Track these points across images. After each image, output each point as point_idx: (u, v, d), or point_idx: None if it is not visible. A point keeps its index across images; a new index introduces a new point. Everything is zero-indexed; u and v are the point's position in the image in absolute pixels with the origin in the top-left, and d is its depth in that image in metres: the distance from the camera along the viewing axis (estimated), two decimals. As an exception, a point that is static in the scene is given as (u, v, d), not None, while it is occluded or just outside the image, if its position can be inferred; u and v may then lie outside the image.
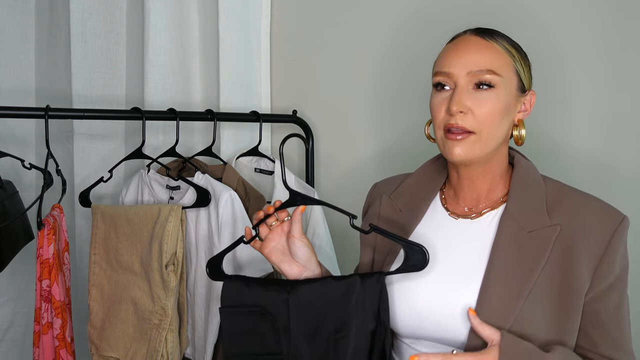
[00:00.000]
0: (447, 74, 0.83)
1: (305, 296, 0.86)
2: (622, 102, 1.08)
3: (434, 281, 0.85)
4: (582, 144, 1.13)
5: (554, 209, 0.82)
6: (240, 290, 0.89)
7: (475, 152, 0.82)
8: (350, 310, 0.84)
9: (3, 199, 1.25)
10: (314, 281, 0.87)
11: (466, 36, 0.86)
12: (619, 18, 1.07)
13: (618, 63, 1.08)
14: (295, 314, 0.86)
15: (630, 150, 1.08)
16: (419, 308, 0.84)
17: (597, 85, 1.11)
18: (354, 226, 0.87)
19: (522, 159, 0.90)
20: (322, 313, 0.85)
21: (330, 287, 0.86)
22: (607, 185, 1.10)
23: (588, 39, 1.11)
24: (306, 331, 0.86)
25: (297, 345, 0.86)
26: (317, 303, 0.86)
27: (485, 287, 0.80)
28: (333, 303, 0.85)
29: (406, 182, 0.98)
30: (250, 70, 1.61)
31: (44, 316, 1.17)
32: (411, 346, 0.87)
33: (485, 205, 0.88)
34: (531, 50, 0.90)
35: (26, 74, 1.79)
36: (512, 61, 0.83)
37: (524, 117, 0.87)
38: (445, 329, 0.82)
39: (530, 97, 0.87)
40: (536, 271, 0.78)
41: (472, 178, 0.88)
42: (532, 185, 0.86)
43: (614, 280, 0.79)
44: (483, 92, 0.81)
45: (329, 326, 0.85)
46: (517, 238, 0.81)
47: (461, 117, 0.81)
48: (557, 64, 1.14)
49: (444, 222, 0.90)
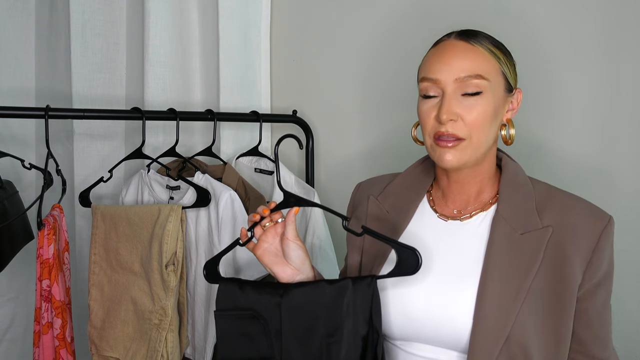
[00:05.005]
0: (434, 80, 0.82)
1: (298, 300, 0.85)
2: (615, 103, 1.08)
3: (427, 284, 0.84)
4: (573, 145, 1.13)
5: (543, 211, 0.83)
6: (234, 293, 0.89)
7: (466, 157, 0.82)
8: (342, 314, 0.83)
9: (3, 198, 1.25)
10: (306, 284, 0.86)
11: (450, 40, 0.85)
12: (612, 18, 1.07)
13: (610, 64, 1.08)
14: (287, 318, 0.85)
15: (623, 151, 1.08)
16: (413, 311, 0.84)
17: (589, 87, 1.10)
18: (346, 228, 0.87)
19: (509, 161, 0.90)
20: (314, 317, 0.84)
21: (322, 290, 0.84)
22: (601, 188, 1.10)
23: (579, 39, 1.11)
24: (298, 335, 0.85)
25: (289, 350, 0.85)
26: (309, 307, 0.85)
27: (483, 290, 0.79)
28: (325, 307, 0.84)
29: (393, 184, 0.97)
30: (250, 70, 1.61)
31: (44, 316, 1.18)
32: (403, 348, 0.87)
33: (474, 207, 0.88)
34: (522, 51, 0.90)
35: (26, 74, 1.79)
36: (498, 63, 0.83)
37: (512, 115, 0.87)
38: (445, 332, 0.81)
39: (517, 95, 0.87)
40: (531, 273, 0.79)
41: (462, 181, 0.88)
42: (521, 187, 0.86)
43: (601, 279, 0.80)
44: (471, 98, 0.81)
45: (321, 330, 0.84)
46: (510, 240, 0.81)
47: (451, 125, 0.81)
48: (548, 65, 1.14)
49: (433, 224, 0.90)
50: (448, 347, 0.82)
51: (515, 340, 0.77)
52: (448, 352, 0.82)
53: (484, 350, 0.77)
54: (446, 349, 0.82)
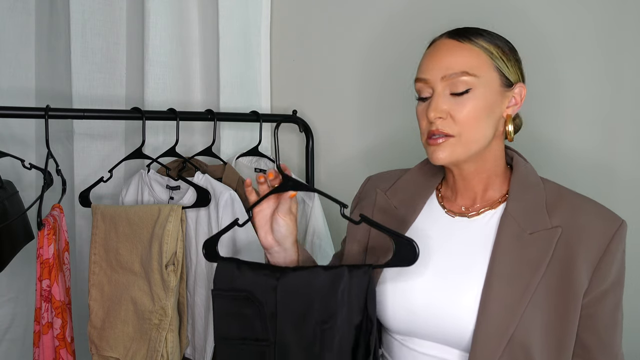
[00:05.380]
0: (424, 80, 0.84)
1: (293, 284, 0.86)
2: (618, 101, 1.08)
3: (430, 278, 0.84)
4: (576, 143, 1.13)
5: (553, 211, 0.82)
6: (232, 273, 0.89)
7: (456, 154, 0.82)
8: (337, 301, 0.83)
9: (3, 198, 1.25)
10: (303, 269, 0.87)
11: (441, 40, 0.85)
12: (614, 16, 1.07)
13: (613, 61, 1.08)
14: (282, 302, 0.86)
15: (626, 150, 1.08)
16: (415, 305, 0.84)
17: (592, 84, 1.10)
18: (344, 215, 0.87)
19: (521, 160, 0.89)
20: (309, 302, 0.85)
21: (318, 276, 0.85)
22: (603, 184, 1.10)
23: (582, 37, 1.11)
24: (293, 319, 0.86)
25: (284, 333, 0.86)
26: (304, 291, 0.85)
27: (488, 289, 0.79)
28: (320, 293, 0.84)
29: (403, 179, 0.97)
30: (250, 70, 1.61)
31: (44, 316, 1.18)
32: (404, 344, 0.86)
33: (482, 205, 0.88)
34: (524, 49, 0.89)
35: (26, 74, 1.80)
36: (490, 59, 0.82)
37: (514, 111, 0.85)
38: (447, 329, 0.81)
39: (520, 90, 0.85)
40: (538, 274, 0.78)
41: (466, 178, 0.88)
42: (532, 187, 0.85)
43: (610, 285, 0.78)
44: (460, 96, 0.81)
45: (316, 316, 0.84)
46: (518, 239, 0.81)
47: (441, 123, 0.82)
48: (551, 63, 1.14)
49: (441, 220, 0.90)
50: (449, 344, 0.81)
51: (518, 341, 0.76)
52: (449, 349, 0.82)
53: (487, 351, 0.76)
54: (447, 346, 0.82)
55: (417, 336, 0.85)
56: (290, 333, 0.86)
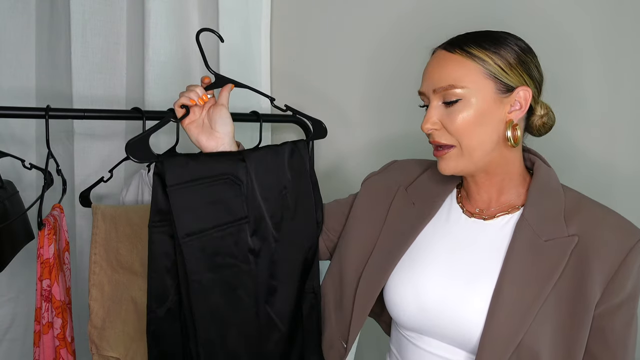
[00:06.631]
0: (422, 93, 0.86)
1: (258, 161, 0.94)
2: (622, 101, 1.08)
3: (443, 276, 0.85)
4: (576, 143, 1.13)
5: (571, 219, 0.80)
6: (187, 165, 0.87)
7: (461, 164, 0.83)
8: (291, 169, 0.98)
9: (3, 198, 1.25)
10: (257, 150, 0.96)
11: (437, 51, 0.86)
12: (611, 16, 1.07)
13: (617, 62, 1.08)
14: (254, 179, 0.93)
15: (630, 150, 1.08)
16: (426, 301, 0.84)
17: (597, 85, 1.11)
18: (275, 106, 1.09)
19: (542, 166, 0.88)
20: (272, 174, 0.96)
21: (275, 153, 0.98)
22: (603, 184, 1.10)
23: (582, 37, 1.11)
24: (263, 194, 0.94)
25: (259, 208, 0.93)
26: (267, 167, 0.96)
27: (498, 294, 0.78)
28: (277, 165, 0.97)
29: (424, 176, 0.99)
30: (250, 70, 1.61)
31: (44, 316, 1.18)
32: (412, 342, 0.87)
33: (499, 209, 0.87)
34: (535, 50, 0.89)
35: (26, 74, 1.79)
36: (481, 66, 0.80)
37: (517, 116, 0.82)
38: (456, 329, 0.81)
39: (524, 93, 0.82)
40: (551, 281, 0.77)
41: (477, 183, 0.89)
42: (551, 194, 0.84)
43: (624, 299, 0.77)
44: (452, 106, 0.81)
45: (278, 186, 0.97)
46: (532, 245, 0.79)
47: (436, 134, 0.84)
48: (551, 63, 1.14)
49: (458, 219, 0.90)
50: (457, 344, 0.81)
51: (526, 348, 0.75)
52: (457, 350, 0.82)
53: (493, 355, 0.76)
54: (455, 347, 0.82)
55: (426, 334, 0.85)
56: (263, 207, 0.94)
